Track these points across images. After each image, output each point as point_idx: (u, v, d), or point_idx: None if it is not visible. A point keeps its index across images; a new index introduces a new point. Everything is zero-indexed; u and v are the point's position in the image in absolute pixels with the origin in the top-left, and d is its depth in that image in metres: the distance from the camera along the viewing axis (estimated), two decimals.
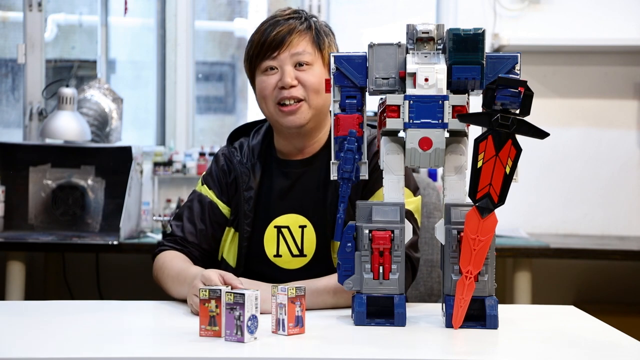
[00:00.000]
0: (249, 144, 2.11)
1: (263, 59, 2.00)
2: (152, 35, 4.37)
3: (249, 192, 2.04)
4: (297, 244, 2.02)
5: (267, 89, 2.00)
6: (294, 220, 2.03)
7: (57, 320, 1.71)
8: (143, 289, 3.98)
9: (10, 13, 4.38)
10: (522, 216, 4.08)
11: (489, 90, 1.57)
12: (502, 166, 1.59)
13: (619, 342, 1.59)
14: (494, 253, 1.66)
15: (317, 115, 2.01)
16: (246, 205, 2.04)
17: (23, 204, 3.70)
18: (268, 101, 2.01)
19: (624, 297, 4.07)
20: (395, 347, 1.50)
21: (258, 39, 2.01)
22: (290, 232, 2.03)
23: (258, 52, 2.01)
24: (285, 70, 1.98)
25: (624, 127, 4.13)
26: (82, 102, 3.84)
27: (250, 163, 2.07)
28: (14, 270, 3.48)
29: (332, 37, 2.06)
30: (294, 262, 2.02)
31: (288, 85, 1.97)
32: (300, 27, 2.00)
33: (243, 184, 2.05)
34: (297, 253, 2.02)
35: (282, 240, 2.03)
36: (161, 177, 4.03)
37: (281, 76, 1.98)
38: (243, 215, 2.04)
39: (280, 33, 1.98)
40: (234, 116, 4.53)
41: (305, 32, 2.00)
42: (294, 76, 1.97)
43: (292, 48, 1.98)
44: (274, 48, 1.98)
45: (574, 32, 4.06)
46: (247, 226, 2.03)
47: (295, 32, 1.99)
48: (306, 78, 1.98)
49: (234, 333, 1.52)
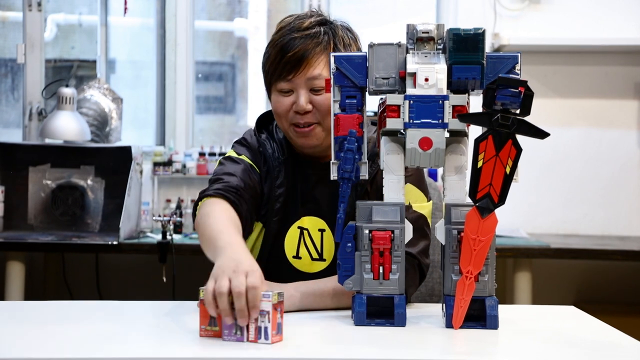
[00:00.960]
0: (278, 137, 2.03)
1: (278, 78, 1.94)
2: (151, 35, 4.37)
3: (281, 188, 1.98)
4: (316, 247, 1.99)
5: (281, 109, 1.95)
6: (314, 224, 1.99)
7: (56, 320, 1.71)
8: (143, 289, 3.99)
9: (10, 13, 4.38)
10: (522, 216, 4.08)
11: (489, 90, 1.57)
12: (503, 166, 1.59)
13: (619, 342, 1.59)
14: (494, 253, 1.66)
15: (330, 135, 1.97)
16: (277, 203, 1.98)
17: (23, 204, 3.70)
18: (282, 121, 1.96)
19: (624, 297, 4.07)
20: (395, 347, 1.50)
21: (274, 55, 1.94)
22: (309, 235, 2.00)
23: (274, 70, 1.94)
24: (300, 94, 1.92)
25: (624, 127, 4.13)
26: (82, 102, 3.85)
27: (283, 158, 2.00)
28: (13, 270, 3.48)
29: (353, 45, 1.98)
30: (314, 266, 1.99)
31: (302, 110, 1.92)
32: (317, 49, 1.92)
33: (276, 180, 1.99)
34: (316, 257, 1.99)
35: (303, 243, 1.99)
36: (161, 177, 4.03)
37: (295, 99, 1.92)
38: (273, 212, 1.98)
39: (297, 54, 1.91)
40: (233, 116, 4.53)
41: (322, 53, 1.92)
42: (308, 100, 1.92)
43: (309, 71, 1.91)
44: (289, 70, 1.92)
45: (574, 32, 4.06)
46: (274, 224, 1.99)
47: (312, 53, 1.91)
48: (321, 102, 1.92)
49: (232, 333, 1.51)
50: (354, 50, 1.98)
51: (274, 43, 1.96)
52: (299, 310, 1.80)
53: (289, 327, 1.63)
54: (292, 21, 1.97)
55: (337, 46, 1.94)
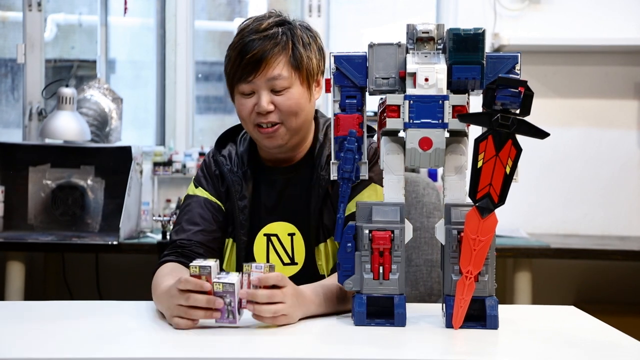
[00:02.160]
0: (237, 152, 2.06)
1: (239, 80, 1.94)
2: (151, 35, 4.37)
3: (243, 201, 2.01)
4: (287, 252, 2.00)
5: (244, 112, 1.95)
6: (282, 228, 2.00)
7: (56, 320, 1.71)
8: (143, 289, 3.98)
9: (10, 13, 4.38)
10: (522, 216, 4.08)
11: (489, 90, 1.57)
12: (502, 166, 1.59)
13: (619, 342, 1.59)
14: (494, 253, 1.66)
15: (296, 135, 1.97)
16: (241, 215, 2.00)
17: (23, 204, 3.70)
18: (247, 122, 1.97)
19: (624, 297, 4.07)
20: (395, 347, 1.50)
21: (235, 57, 1.95)
22: (279, 241, 2.00)
23: (234, 72, 1.95)
24: (261, 95, 1.92)
25: (624, 127, 4.13)
26: (82, 102, 3.84)
27: (242, 171, 2.03)
28: (13, 270, 3.48)
29: (313, 44, 1.98)
30: (286, 271, 1.98)
31: (264, 111, 1.92)
32: (275, 49, 1.92)
33: (236, 193, 2.01)
34: (288, 261, 2.00)
35: (272, 249, 2.00)
36: (161, 177, 4.03)
37: (257, 101, 1.93)
38: (239, 225, 2.00)
39: (255, 56, 1.91)
40: (233, 116, 4.52)
41: (281, 53, 1.93)
42: (269, 101, 1.92)
43: (268, 72, 1.91)
44: (249, 72, 1.92)
45: (574, 32, 4.06)
46: (244, 236, 2.00)
47: (270, 55, 1.91)
48: (282, 102, 1.93)
49: (225, 317, 1.58)
50: (314, 49, 1.98)
51: (234, 46, 1.97)
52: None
53: (289, 326, 1.63)
54: (250, 23, 1.98)
55: (296, 45, 1.95)
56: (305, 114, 1.96)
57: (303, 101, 1.94)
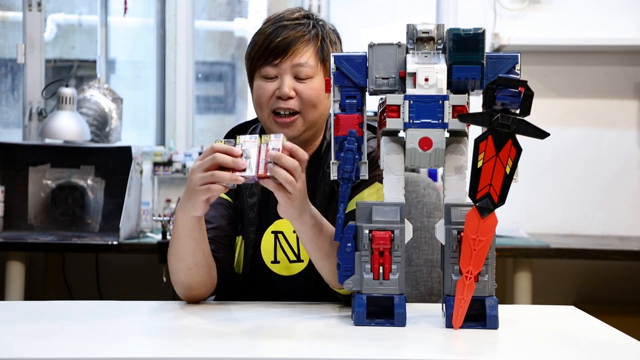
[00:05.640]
0: None
1: (264, 64, 1.94)
2: (151, 35, 4.37)
3: (253, 198, 1.99)
4: (293, 249, 2.00)
5: (264, 96, 1.95)
6: (289, 226, 1.98)
7: (56, 320, 1.71)
8: (143, 289, 3.99)
9: (10, 13, 4.38)
10: (522, 216, 4.08)
11: (489, 90, 1.57)
12: (502, 166, 1.59)
13: (619, 342, 1.59)
14: (494, 253, 1.66)
15: (311, 129, 1.97)
16: (251, 212, 1.99)
17: (23, 204, 3.70)
18: (263, 108, 1.96)
19: (624, 297, 4.07)
20: (395, 347, 1.50)
21: (262, 41, 1.95)
22: (285, 238, 2.00)
23: (260, 56, 1.94)
24: (284, 80, 1.92)
25: (624, 127, 4.13)
26: (82, 102, 3.85)
27: None
28: (13, 270, 3.48)
29: (338, 44, 2.01)
30: (292, 268, 1.98)
31: (285, 96, 1.92)
32: (306, 37, 1.94)
33: (246, 190, 2.00)
34: (294, 259, 1.99)
35: (279, 247, 2.00)
36: (161, 177, 4.03)
37: (279, 85, 1.93)
38: (248, 222, 1.99)
39: (285, 40, 1.92)
40: (233, 116, 4.53)
41: (311, 42, 1.94)
42: (292, 87, 1.92)
43: (295, 58, 1.92)
44: (276, 55, 1.92)
45: (574, 32, 4.06)
46: (252, 233, 1.99)
47: (300, 42, 1.92)
48: (304, 91, 1.93)
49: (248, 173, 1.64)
50: (337, 49, 2.01)
51: (262, 31, 1.98)
52: None
53: (289, 326, 1.63)
54: (281, 13, 2.00)
55: (325, 40, 1.96)
56: (323, 108, 1.96)
57: (322, 94, 1.94)
